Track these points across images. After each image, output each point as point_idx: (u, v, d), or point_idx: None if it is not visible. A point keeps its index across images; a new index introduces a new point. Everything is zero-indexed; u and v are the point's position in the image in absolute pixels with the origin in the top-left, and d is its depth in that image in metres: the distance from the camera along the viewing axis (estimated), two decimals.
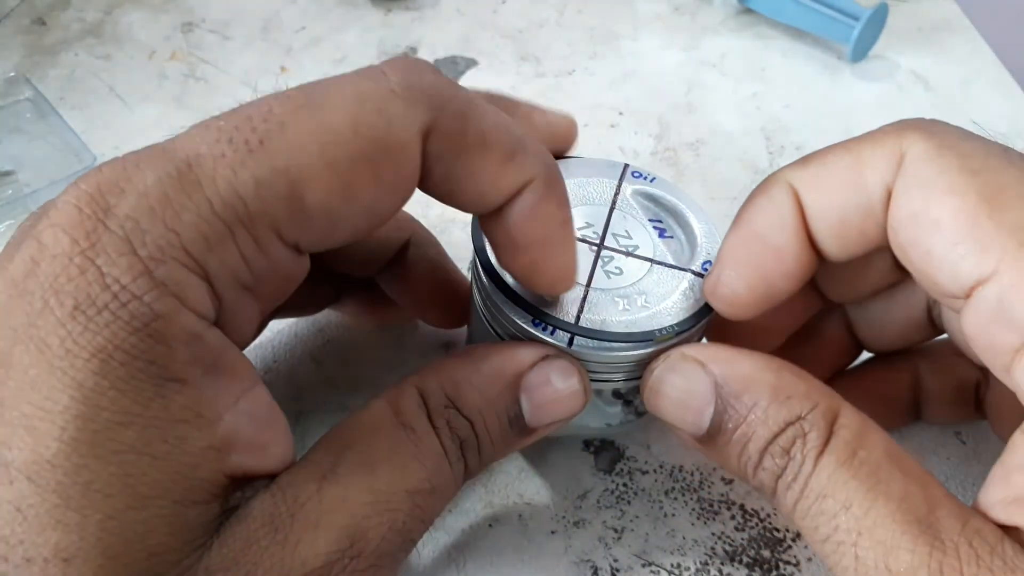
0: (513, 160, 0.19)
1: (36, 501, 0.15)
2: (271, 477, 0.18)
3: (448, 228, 0.35)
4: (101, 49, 0.46)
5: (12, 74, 0.42)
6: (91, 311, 0.15)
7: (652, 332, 0.22)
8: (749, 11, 0.49)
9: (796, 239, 0.21)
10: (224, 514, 0.17)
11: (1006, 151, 0.19)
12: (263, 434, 0.18)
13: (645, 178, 0.26)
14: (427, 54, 0.46)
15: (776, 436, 0.20)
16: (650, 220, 0.25)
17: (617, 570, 0.24)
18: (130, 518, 0.15)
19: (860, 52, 0.45)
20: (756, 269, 0.21)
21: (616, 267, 0.23)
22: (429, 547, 0.25)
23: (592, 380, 0.23)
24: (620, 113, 0.42)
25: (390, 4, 0.50)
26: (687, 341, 0.23)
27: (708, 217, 0.25)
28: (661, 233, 0.25)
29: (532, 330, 0.22)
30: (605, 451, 0.27)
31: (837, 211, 0.20)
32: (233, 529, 0.17)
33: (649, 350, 0.22)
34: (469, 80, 0.45)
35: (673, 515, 0.26)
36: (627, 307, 0.22)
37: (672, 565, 0.25)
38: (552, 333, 0.22)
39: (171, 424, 0.16)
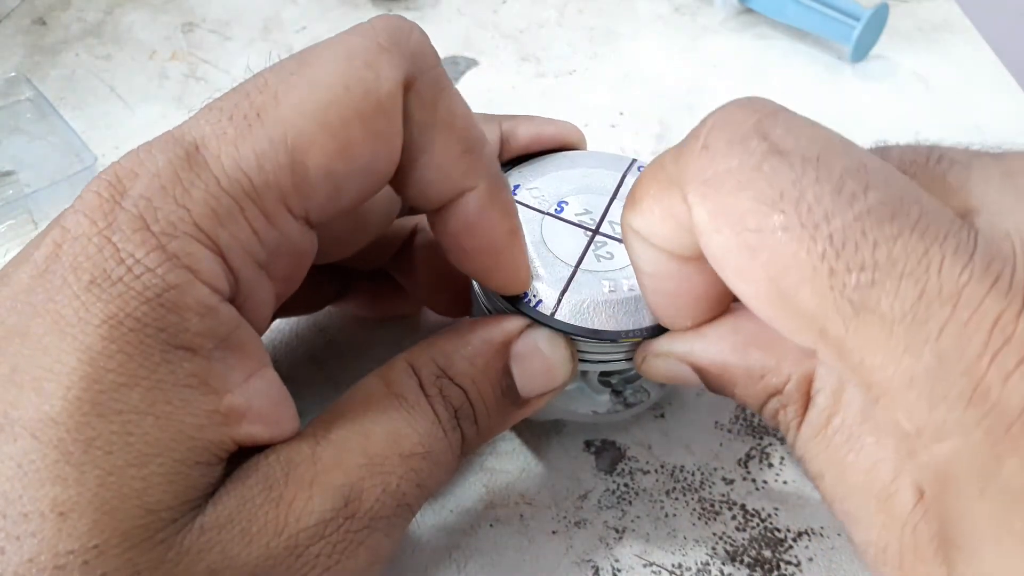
0: (470, 154, 0.19)
1: (37, 457, 0.15)
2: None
3: None
4: (101, 49, 0.46)
5: (12, 74, 0.42)
6: (106, 283, 0.16)
7: (619, 332, 0.22)
8: (749, 11, 0.49)
9: (669, 264, 0.20)
10: (222, 473, 0.17)
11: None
12: (274, 410, 0.18)
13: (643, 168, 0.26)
14: None
15: (762, 407, 0.20)
16: None
17: (618, 570, 0.24)
18: (129, 475, 0.15)
19: (860, 52, 0.45)
20: (682, 305, 0.21)
21: (608, 252, 0.24)
22: (430, 547, 0.25)
23: (579, 360, 0.23)
24: (620, 113, 0.42)
25: (390, 4, 0.50)
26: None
27: None
28: None
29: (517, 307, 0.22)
30: (606, 451, 0.27)
31: (670, 242, 0.19)
32: (227, 488, 0.17)
33: (618, 343, 0.22)
34: (469, 80, 0.45)
35: (674, 515, 0.26)
36: (612, 289, 0.23)
37: (673, 565, 0.25)
38: (536, 306, 0.22)
39: (176, 388, 0.16)
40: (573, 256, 0.23)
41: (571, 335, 0.22)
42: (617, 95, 0.44)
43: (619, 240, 0.24)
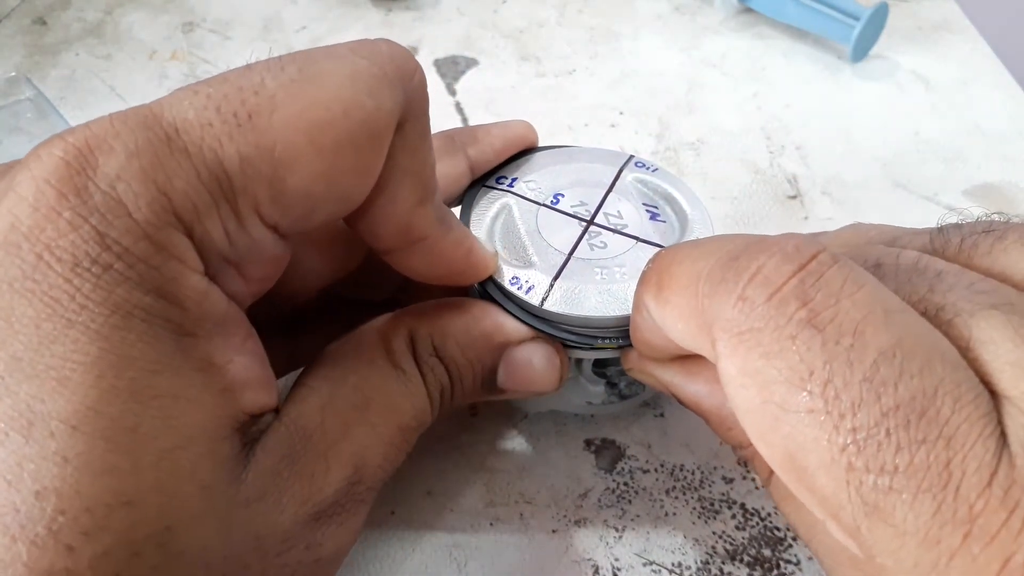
0: (423, 206, 0.20)
1: (84, 449, 0.15)
2: (276, 411, 0.19)
3: None
4: (102, 49, 0.46)
5: (13, 74, 0.42)
6: (95, 269, 0.15)
7: (595, 339, 0.23)
8: (749, 11, 0.49)
9: (671, 342, 0.20)
10: (246, 447, 0.18)
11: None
12: (266, 373, 0.19)
13: (648, 168, 0.27)
14: (427, 54, 0.46)
15: (734, 449, 0.21)
16: (644, 204, 0.26)
17: (618, 569, 0.24)
18: (178, 457, 0.16)
19: (860, 52, 0.45)
20: (661, 354, 0.21)
21: (601, 241, 0.24)
22: (430, 546, 0.25)
23: (569, 346, 0.24)
24: (620, 113, 0.42)
25: (390, 4, 0.50)
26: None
27: (703, 206, 0.26)
28: (653, 216, 0.25)
29: (510, 288, 0.23)
30: (606, 450, 0.27)
31: (687, 348, 0.19)
32: (259, 462, 0.18)
33: (609, 329, 0.23)
34: (469, 80, 0.45)
35: (674, 514, 0.26)
36: (604, 276, 0.23)
37: (673, 564, 0.25)
38: (528, 292, 0.23)
39: (194, 372, 0.16)
40: (567, 245, 0.24)
41: (561, 323, 0.23)
42: (617, 95, 0.44)
43: (613, 230, 0.25)
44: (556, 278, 0.23)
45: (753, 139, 0.41)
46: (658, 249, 0.21)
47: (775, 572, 0.24)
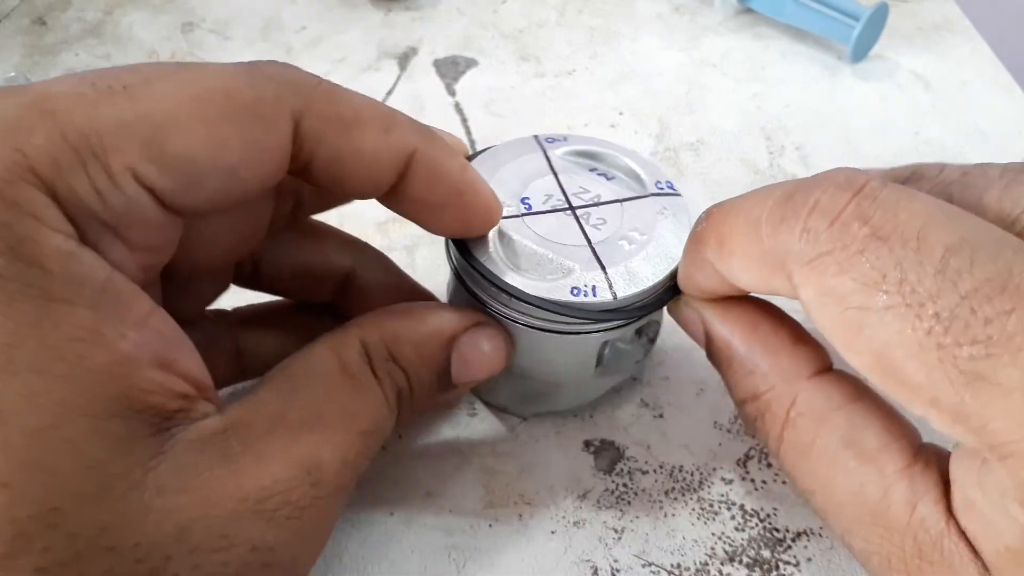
0: (391, 131, 0.20)
1: None
2: (208, 401, 0.18)
3: (417, 244, 0.35)
4: (101, 49, 0.46)
5: (12, 74, 0.42)
6: None
7: (663, 300, 0.23)
8: (749, 11, 0.49)
9: (732, 288, 0.21)
10: (168, 436, 0.17)
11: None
12: (176, 354, 0.18)
13: (559, 140, 0.27)
14: (427, 54, 0.46)
15: (742, 405, 0.21)
16: (590, 171, 0.27)
17: (617, 570, 0.24)
18: (53, 435, 0.15)
19: (860, 52, 0.45)
20: (708, 294, 0.22)
21: (598, 219, 0.25)
22: (429, 547, 0.25)
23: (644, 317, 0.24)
24: (620, 113, 0.42)
25: (390, 4, 0.50)
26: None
27: (623, 149, 0.27)
28: (606, 177, 0.26)
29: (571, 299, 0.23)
30: (605, 451, 0.27)
31: (760, 291, 0.21)
32: (182, 454, 0.17)
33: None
34: (469, 80, 0.45)
35: (673, 515, 0.26)
36: (633, 245, 0.24)
37: (672, 565, 0.25)
38: (597, 294, 0.23)
39: (66, 343, 0.15)
40: (579, 237, 0.24)
41: (636, 303, 0.23)
42: (617, 95, 0.44)
43: (596, 205, 0.25)
44: (604, 268, 0.23)
45: (753, 139, 0.41)
46: (675, 199, 0.25)
47: (774, 573, 0.24)
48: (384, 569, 0.24)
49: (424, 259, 0.34)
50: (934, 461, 0.18)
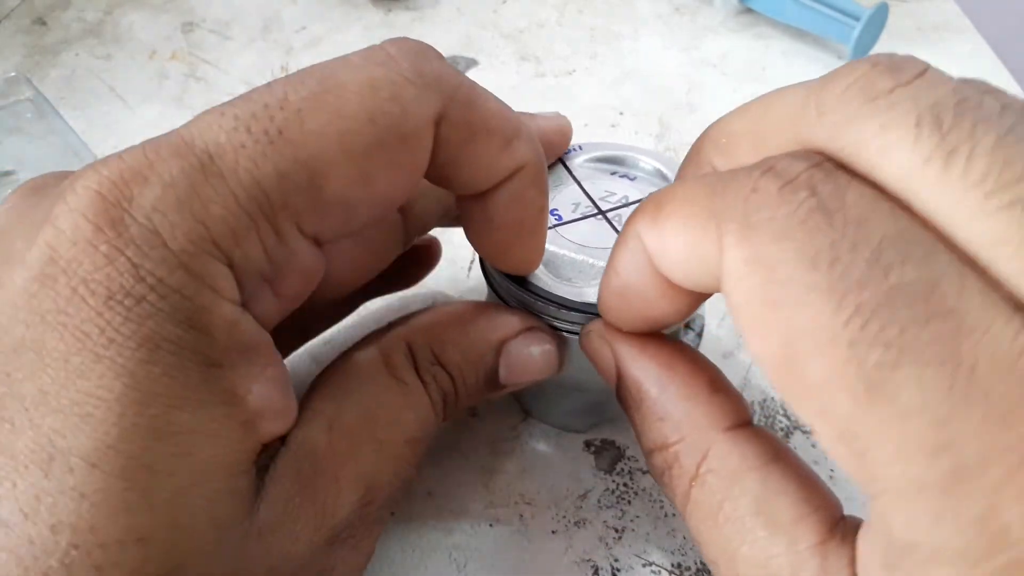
0: (510, 146, 0.19)
1: (102, 486, 0.15)
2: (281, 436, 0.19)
3: (448, 230, 0.35)
4: (101, 49, 0.46)
5: (12, 74, 0.42)
6: (128, 302, 0.15)
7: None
8: (749, 11, 0.49)
9: (655, 284, 0.19)
10: (258, 474, 0.18)
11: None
12: (286, 401, 0.18)
13: (575, 151, 0.27)
14: None
15: (650, 455, 0.19)
16: (611, 174, 0.26)
17: (617, 570, 0.24)
18: (194, 494, 0.16)
19: (860, 52, 0.45)
20: (630, 315, 0.20)
21: None
22: (429, 547, 0.25)
23: None
24: (620, 113, 0.42)
25: (390, 4, 0.50)
26: None
27: (641, 149, 0.27)
28: (628, 178, 0.26)
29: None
30: (606, 451, 0.27)
31: (681, 270, 0.18)
32: (271, 490, 0.18)
33: None
34: None
35: (674, 515, 0.26)
36: None
37: (673, 565, 0.25)
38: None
39: (215, 405, 0.16)
40: (613, 239, 0.23)
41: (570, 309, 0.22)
42: (617, 95, 0.44)
43: (624, 205, 0.25)
44: None
45: None
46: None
47: None
48: (384, 569, 0.24)
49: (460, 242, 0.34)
50: (851, 537, 0.16)
